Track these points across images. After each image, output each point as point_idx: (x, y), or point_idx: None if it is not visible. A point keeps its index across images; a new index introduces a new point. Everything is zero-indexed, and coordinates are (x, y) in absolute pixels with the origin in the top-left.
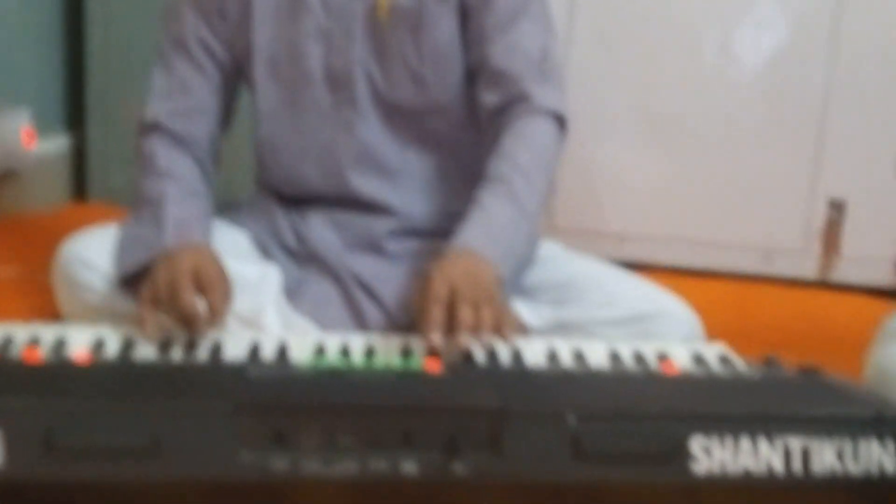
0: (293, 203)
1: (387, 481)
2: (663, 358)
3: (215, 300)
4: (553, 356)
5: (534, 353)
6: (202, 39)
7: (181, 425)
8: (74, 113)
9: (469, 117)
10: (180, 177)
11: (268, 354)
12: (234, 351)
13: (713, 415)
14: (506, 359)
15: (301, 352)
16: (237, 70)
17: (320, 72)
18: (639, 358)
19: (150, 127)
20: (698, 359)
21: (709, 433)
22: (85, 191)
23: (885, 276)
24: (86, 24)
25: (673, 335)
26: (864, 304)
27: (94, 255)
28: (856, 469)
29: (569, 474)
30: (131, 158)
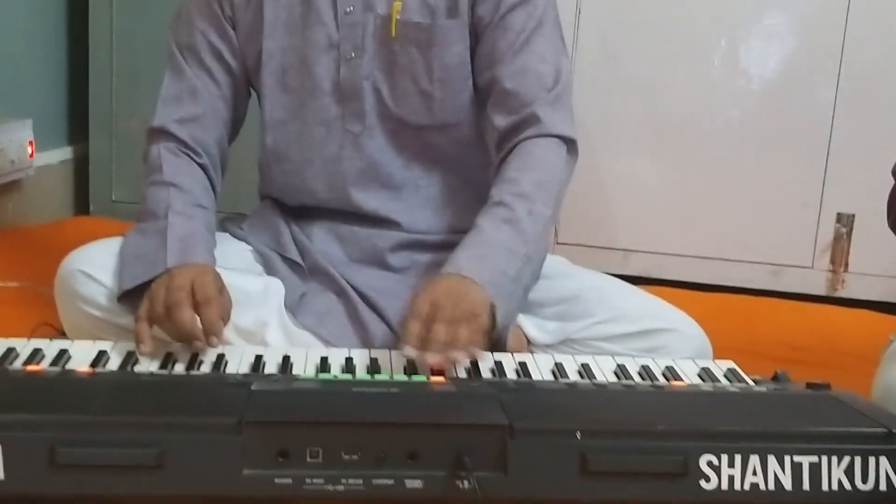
0: (297, 215)
1: (392, 498)
2: (671, 374)
3: (210, 317)
4: (560, 371)
5: (540, 369)
6: (212, 46)
7: (185, 440)
8: (77, 126)
9: (477, 136)
10: (186, 188)
11: (271, 369)
12: (238, 365)
13: (722, 432)
14: (512, 374)
15: (304, 366)
16: (246, 78)
17: (329, 84)
18: (646, 374)
19: (158, 133)
20: (706, 374)
21: (717, 450)
22: (87, 204)
23: (893, 291)
24: (89, 39)
25: (680, 351)
26: (872, 319)
27: (96, 268)
28: (865, 486)
29: (576, 492)
30: (133, 172)
